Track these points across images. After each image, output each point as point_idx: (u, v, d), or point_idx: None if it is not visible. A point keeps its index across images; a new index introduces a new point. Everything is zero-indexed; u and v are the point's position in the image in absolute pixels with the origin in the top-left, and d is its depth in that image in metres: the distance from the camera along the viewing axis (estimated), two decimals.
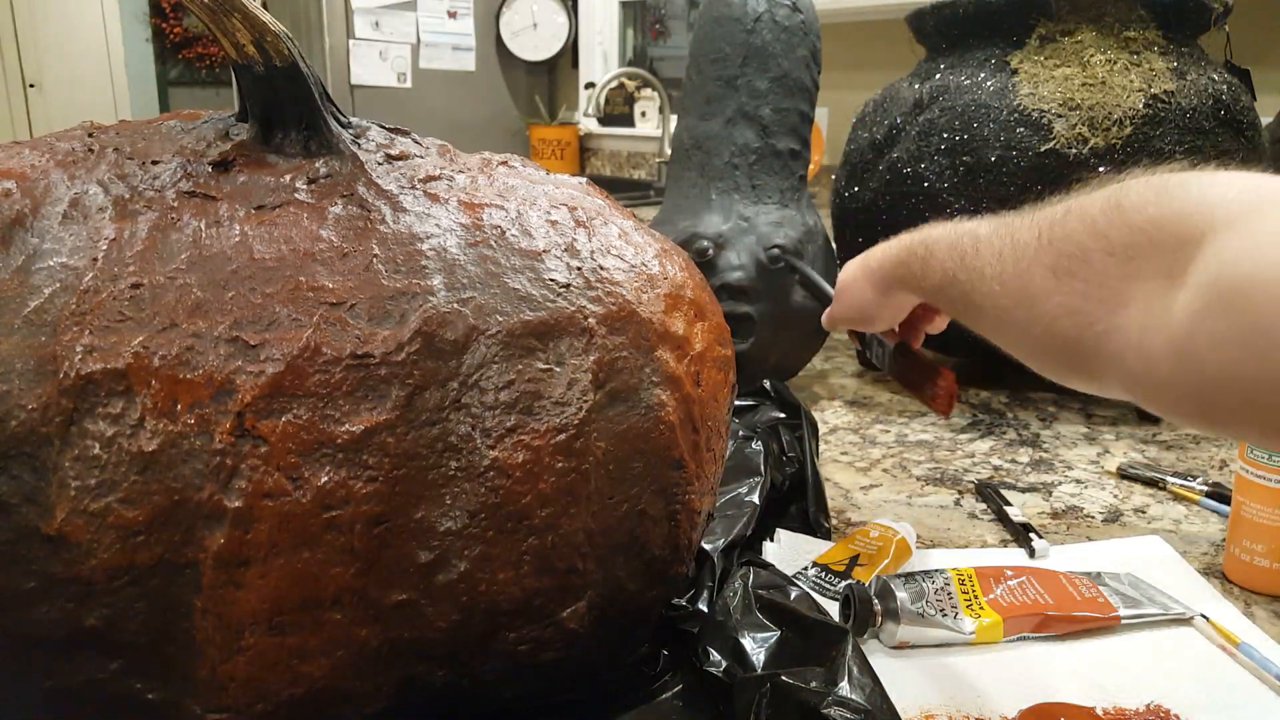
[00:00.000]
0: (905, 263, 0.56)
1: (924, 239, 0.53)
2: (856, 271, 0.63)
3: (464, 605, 0.39)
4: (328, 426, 0.37)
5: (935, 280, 0.51)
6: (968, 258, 0.47)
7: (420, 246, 0.42)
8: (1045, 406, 1.01)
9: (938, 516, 0.75)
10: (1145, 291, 0.35)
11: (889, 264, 0.58)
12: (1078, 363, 0.39)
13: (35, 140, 0.44)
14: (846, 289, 0.64)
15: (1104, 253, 0.37)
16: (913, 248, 0.55)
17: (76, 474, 0.34)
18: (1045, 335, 0.40)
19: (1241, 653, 0.55)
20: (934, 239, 0.52)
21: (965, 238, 0.48)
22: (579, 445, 0.41)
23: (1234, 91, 0.94)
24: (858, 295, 0.62)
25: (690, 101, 0.99)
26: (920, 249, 0.53)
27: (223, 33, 0.43)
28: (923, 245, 0.53)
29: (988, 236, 0.46)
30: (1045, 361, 0.42)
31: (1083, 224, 0.38)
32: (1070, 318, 0.38)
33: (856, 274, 0.63)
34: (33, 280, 0.37)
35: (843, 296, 0.65)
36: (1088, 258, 0.38)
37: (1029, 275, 0.41)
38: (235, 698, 0.37)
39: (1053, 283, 0.39)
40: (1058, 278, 0.39)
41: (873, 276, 0.61)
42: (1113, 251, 0.36)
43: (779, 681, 0.43)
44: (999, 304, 0.43)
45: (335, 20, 2.61)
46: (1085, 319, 0.37)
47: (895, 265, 0.57)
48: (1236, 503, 0.64)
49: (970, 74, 0.97)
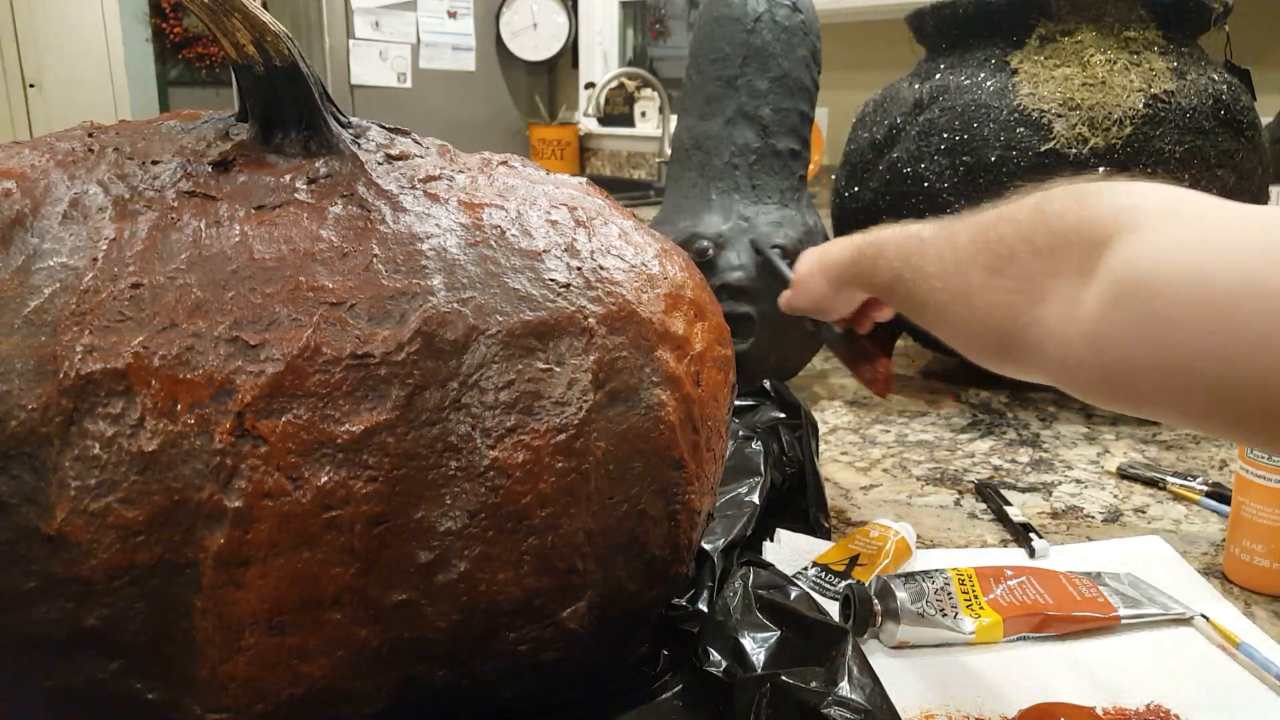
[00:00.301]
0: (856, 262, 0.60)
1: (874, 240, 0.57)
2: (814, 266, 0.67)
3: (464, 605, 0.39)
4: (328, 426, 0.37)
5: (884, 278, 0.55)
6: (912, 258, 0.50)
7: (420, 246, 0.42)
8: (1045, 406, 1.01)
9: (938, 516, 0.75)
10: (1063, 287, 0.39)
11: (842, 262, 0.62)
12: (1006, 351, 0.43)
13: (35, 140, 0.44)
14: (803, 281, 0.68)
15: (1029, 253, 0.41)
16: (863, 248, 0.58)
17: (76, 474, 0.34)
18: (979, 327, 0.44)
19: (1241, 653, 0.55)
20: (883, 240, 0.56)
21: (910, 240, 0.51)
22: (579, 445, 0.41)
23: (1234, 91, 0.94)
24: (813, 288, 0.67)
25: (690, 101, 0.99)
26: (870, 249, 0.57)
27: (223, 33, 0.43)
28: (872, 246, 0.57)
29: (930, 239, 0.49)
30: (979, 351, 0.45)
31: (1012, 227, 0.42)
32: (1000, 311, 0.42)
33: (813, 269, 0.67)
34: (33, 280, 0.37)
35: (799, 288, 0.69)
36: (1015, 257, 0.41)
37: (965, 274, 0.45)
38: (235, 698, 0.37)
39: (986, 280, 0.43)
40: (990, 276, 0.43)
41: (827, 273, 0.65)
42: (1037, 252, 0.40)
43: (779, 681, 0.43)
44: (939, 300, 0.47)
45: (335, 20, 2.61)
46: (1013, 312, 0.41)
47: (848, 264, 0.61)
48: (1236, 503, 0.64)
49: (970, 74, 0.97)
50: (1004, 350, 0.43)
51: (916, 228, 0.52)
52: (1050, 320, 0.39)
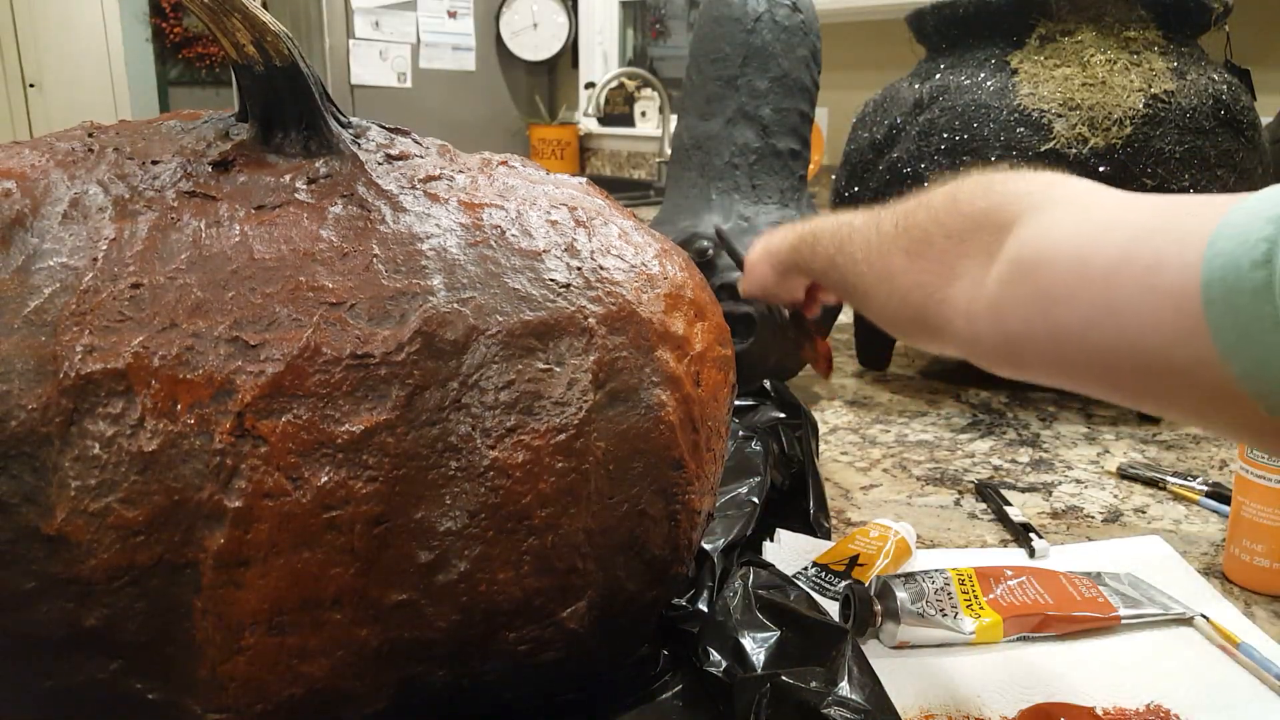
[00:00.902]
0: (796, 249, 0.64)
1: (812, 229, 0.61)
2: (760, 254, 0.71)
3: (464, 605, 0.39)
4: (328, 426, 0.37)
5: (820, 264, 0.59)
6: (845, 245, 0.55)
7: (420, 246, 0.42)
8: (1045, 406, 1.01)
9: (938, 516, 0.75)
10: (971, 267, 0.42)
11: (784, 250, 0.66)
12: (923, 326, 0.46)
13: (35, 140, 0.44)
14: (752, 268, 0.72)
15: (943, 236, 0.44)
16: (803, 235, 0.63)
17: (76, 474, 0.34)
18: (900, 306, 0.48)
19: (1241, 653, 0.55)
20: (819, 228, 0.60)
21: (843, 228, 0.55)
22: (579, 445, 0.41)
23: (1234, 91, 0.94)
24: (761, 274, 0.71)
25: (690, 101, 0.99)
26: (809, 237, 0.61)
27: (223, 33, 0.43)
28: (810, 234, 0.61)
29: (860, 227, 0.53)
30: (900, 326, 0.49)
31: (928, 214, 0.46)
32: (918, 290, 0.46)
33: (761, 255, 0.70)
34: (33, 280, 0.37)
35: (749, 274, 0.73)
36: (931, 241, 0.45)
37: (888, 257, 0.49)
38: (235, 698, 0.37)
39: (906, 262, 0.47)
40: (909, 258, 0.47)
41: (772, 259, 0.68)
42: (950, 235, 0.44)
43: (779, 681, 0.43)
44: (866, 282, 0.51)
45: (335, 20, 2.61)
46: (929, 291, 0.45)
47: (789, 251, 0.65)
48: (1236, 503, 0.64)
49: (970, 74, 0.97)
50: (920, 325, 0.46)
51: (849, 217, 0.56)
52: (959, 297, 0.43)
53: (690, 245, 0.92)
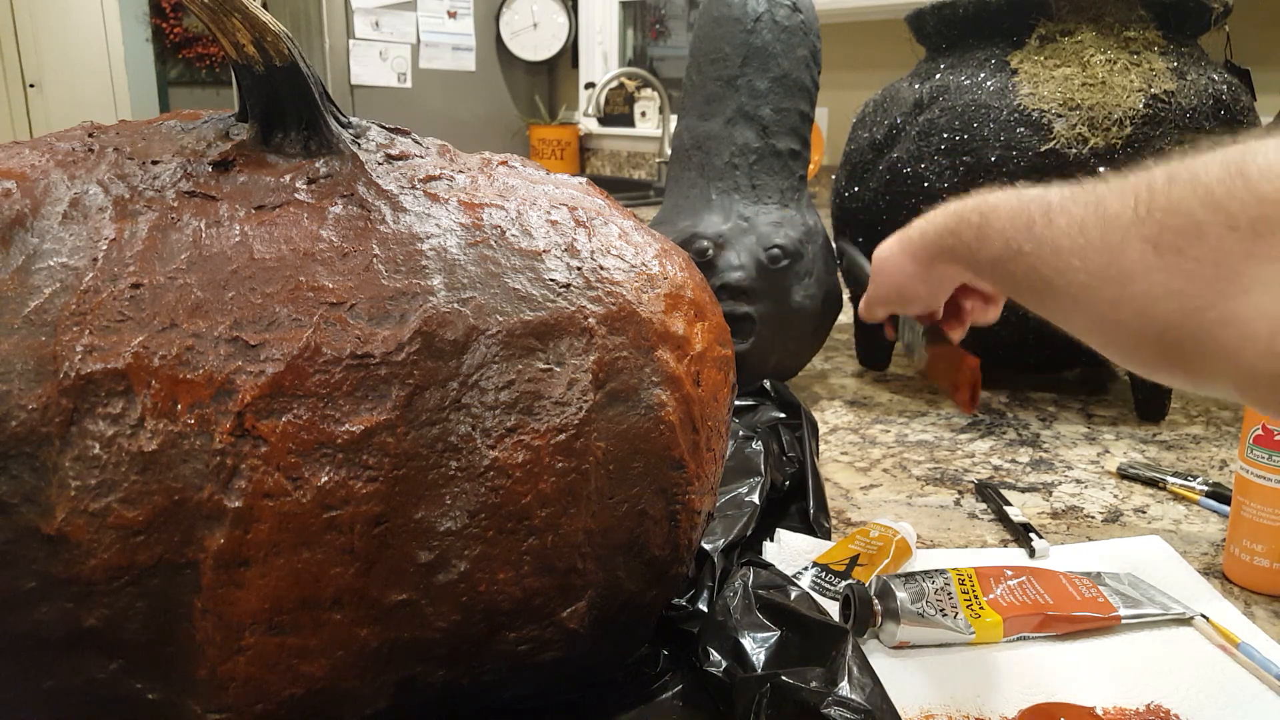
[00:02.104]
0: (955, 231, 0.50)
1: (978, 206, 0.48)
2: (894, 245, 0.58)
3: (464, 605, 0.39)
4: (328, 426, 0.37)
5: (993, 252, 0.45)
6: (1036, 227, 0.41)
7: (420, 246, 0.42)
8: (1045, 406, 1.01)
9: (938, 516, 0.75)
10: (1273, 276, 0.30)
11: (933, 233, 0.52)
12: (1177, 353, 0.34)
13: (35, 140, 0.44)
14: (882, 266, 0.58)
15: (1223, 226, 0.32)
16: (964, 215, 0.49)
17: (76, 474, 0.34)
18: (1138, 319, 0.35)
19: (1241, 653, 0.55)
20: (991, 205, 0.46)
21: (1032, 204, 0.42)
22: (579, 445, 0.41)
23: (1234, 91, 0.94)
24: (895, 271, 0.56)
25: (690, 101, 0.99)
26: (974, 216, 0.48)
27: (223, 33, 0.43)
28: (976, 213, 0.47)
29: (1063, 204, 0.40)
30: (1134, 350, 0.37)
31: (1195, 193, 0.33)
32: (1173, 300, 0.33)
33: (894, 247, 0.58)
34: (33, 280, 0.37)
35: (878, 276, 0.59)
36: (1200, 232, 0.32)
37: (1121, 249, 0.36)
38: (235, 698, 0.37)
39: (1153, 259, 0.34)
40: (1160, 253, 0.34)
41: (912, 247, 0.55)
42: (1235, 226, 0.31)
43: (779, 681, 0.43)
44: (1077, 280, 0.38)
45: (335, 20, 2.61)
46: (1193, 302, 0.33)
47: (942, 234, 0.51)
48: (1236, 503, 0.64)
49: (970, 74, 0.97)
50: (1172, 351, 0.34)
51: (1038, 191, 0.43)
52: (1254, 320, 0.31)
53: (690, 245, 0.92)
